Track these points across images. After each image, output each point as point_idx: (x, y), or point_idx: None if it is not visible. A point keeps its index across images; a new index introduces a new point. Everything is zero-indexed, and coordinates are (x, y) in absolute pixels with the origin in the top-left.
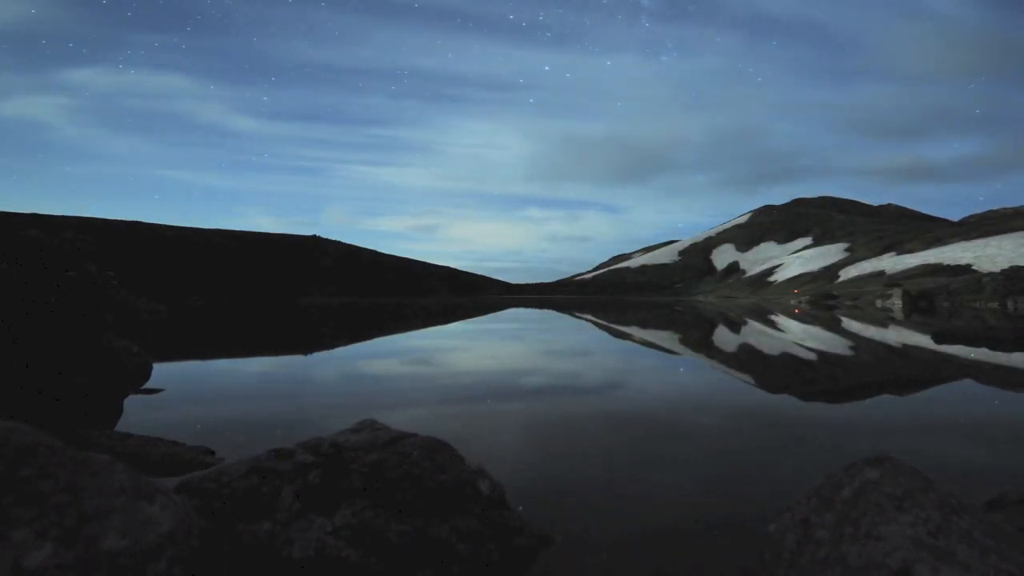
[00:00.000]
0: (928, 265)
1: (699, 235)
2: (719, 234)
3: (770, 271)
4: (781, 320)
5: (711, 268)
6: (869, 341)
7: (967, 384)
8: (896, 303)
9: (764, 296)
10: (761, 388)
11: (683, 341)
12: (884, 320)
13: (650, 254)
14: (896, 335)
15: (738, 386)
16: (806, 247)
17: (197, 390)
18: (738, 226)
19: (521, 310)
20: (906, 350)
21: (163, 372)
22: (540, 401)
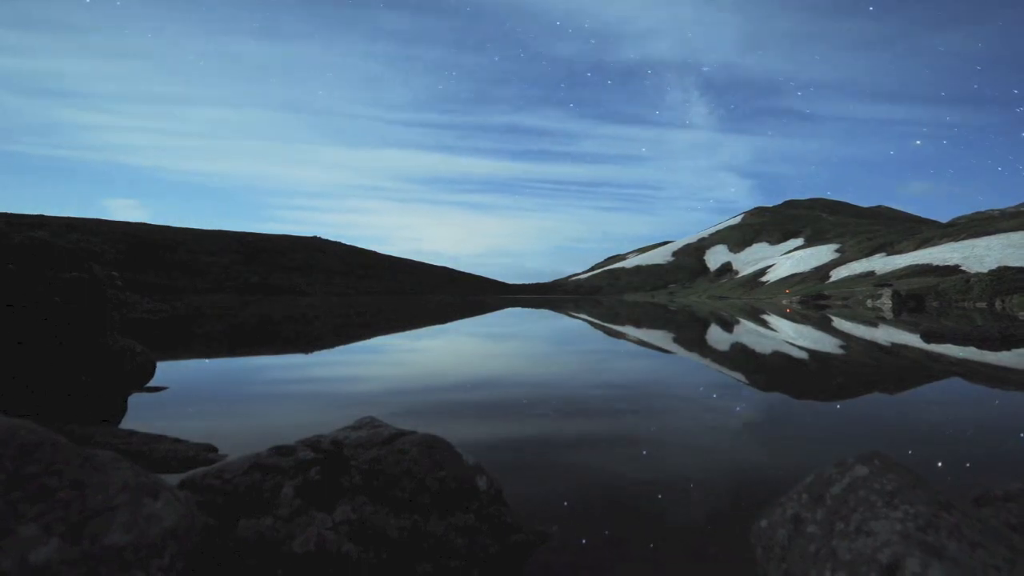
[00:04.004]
0: (917, 266)
1: (693, 236)
2: (712, 235)
3: (762, 271)
4: (773, 319)
5: (704, 268)
6: (859, 340)
7: (955, 382)
8: (886, 303)
9: (756, 296)
10: (752, 386)
11: (676, 340)
12: (874, 320)
13: (644, 255)
14: (886, 334)
15: (730, 384)
16: (798, 248)
17: (200, 388)
18: (731, 227)
19: (518, 309)
20: (895, 349)
21: (166, 371)
22: (537, 398)
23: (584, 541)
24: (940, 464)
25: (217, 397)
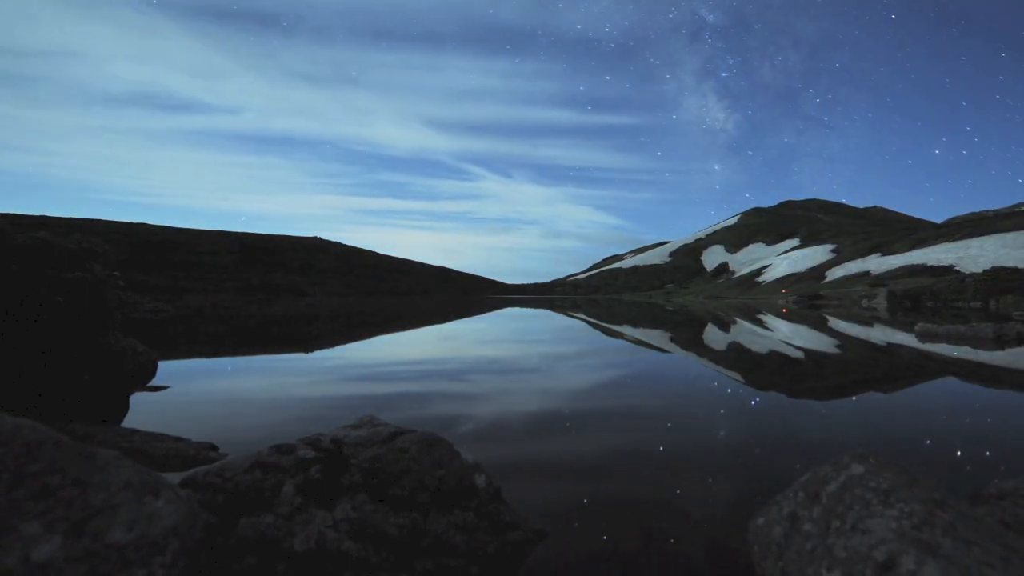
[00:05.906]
0: (912, 266)
1: (690, 236)
2: (709, 235)
3: (759, 271)
4: (769, 319)
5: (701, 269)
6: (854, 340)
7: (950, 381)
8: (881, 303)
9: (753, 296)
10: (748, 385)
11: (673, 339)
12: (869, 319)
13: (642, 255)
14: (881, 334)
15: (726, 383)
16: (794, 248)
17: (201, 388)
18: (727, 228)
19: (517, 309)
20: (890, 348)
21: (168, 370)
22: (535, 398)
23: (582, 539)
24: (935, 462)
25: (218, 396)
